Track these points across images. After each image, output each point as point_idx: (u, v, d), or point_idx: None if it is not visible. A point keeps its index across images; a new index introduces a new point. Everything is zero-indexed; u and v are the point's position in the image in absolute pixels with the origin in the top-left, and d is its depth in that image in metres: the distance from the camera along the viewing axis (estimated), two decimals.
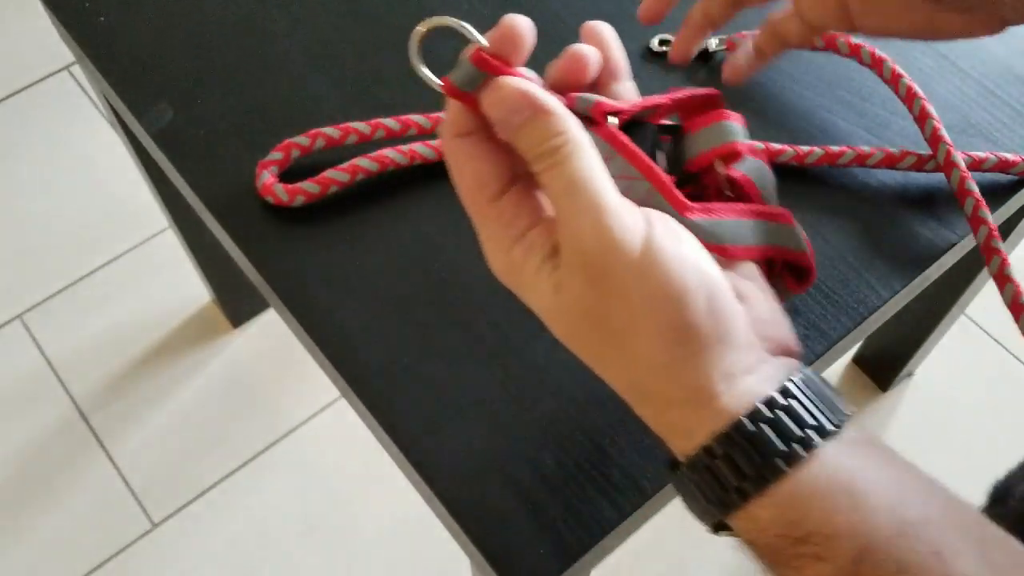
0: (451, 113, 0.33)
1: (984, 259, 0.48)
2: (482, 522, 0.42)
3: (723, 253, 0.33)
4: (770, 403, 0.30)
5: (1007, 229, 0.73)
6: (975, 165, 0.50)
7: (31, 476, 1.06)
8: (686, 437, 0.31)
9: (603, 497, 0.42)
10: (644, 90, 0.37)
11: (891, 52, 0.56)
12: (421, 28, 0.34)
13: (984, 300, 0.88)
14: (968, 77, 0.55)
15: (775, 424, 0.29)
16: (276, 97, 0.55)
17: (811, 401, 0.30)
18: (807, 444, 0.29)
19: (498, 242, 0.32)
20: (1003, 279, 0.47)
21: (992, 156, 0.50)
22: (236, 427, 1.09)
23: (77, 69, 1.36)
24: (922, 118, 0.50)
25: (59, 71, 1.37)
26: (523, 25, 0.32)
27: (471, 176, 0.32)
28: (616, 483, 0.42)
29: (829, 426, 0.30)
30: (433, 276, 0.48)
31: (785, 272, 0.37)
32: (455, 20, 0.33)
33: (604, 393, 0.44)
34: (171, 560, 1.01)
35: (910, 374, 1.10)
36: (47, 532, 1.02)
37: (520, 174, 0.33)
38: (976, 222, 0.48)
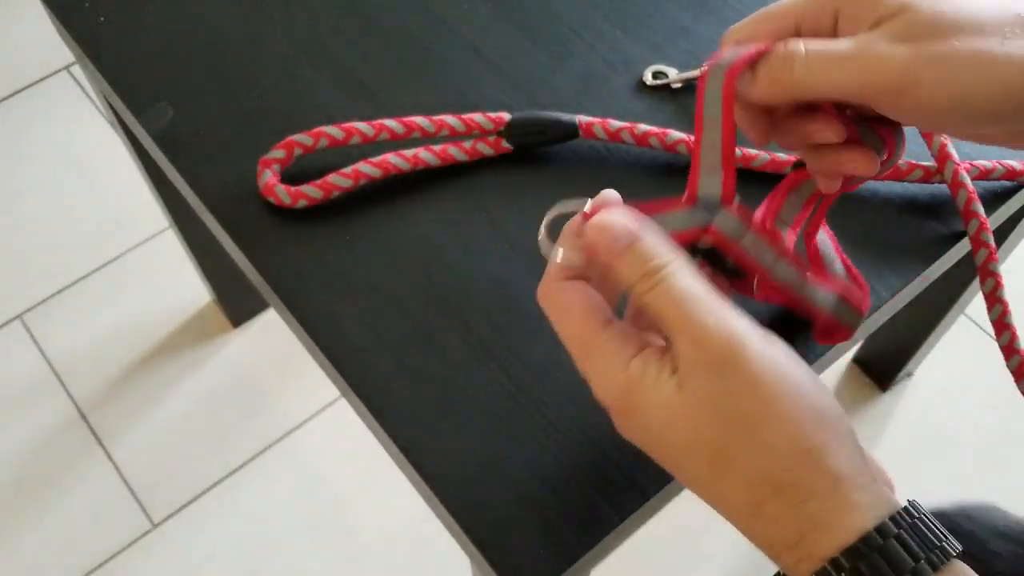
0: (559, 261, 0.35)
1: (979, 278, 0.49)
2: (482, 522, 0.42)
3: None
4: (907, 508, 0.30)
5: (1007, 230, 0.73)
6: (982, 175, 0.50)
7: (31, 476, 1.06)
8: (825, 529, 0.30)
9: (603, 497, 0.42)
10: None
11: None
12: (547, 219, 0.37)
13: (984, 300, 0.88)
14: None
15: (920, 526, 0.30)
16: (276, 97, 0.55)
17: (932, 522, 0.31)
18: (946, 554, 0.30)
19: (612, 364, 0.33)
20: (986, 272, 0.48)
21: (999, 166, 0.50)
22: (236, 427, 1.09)
23: (77, 69, 1.36)
24: (928, 135, 0.50)
25: (59, 71, 1.37)
26: (614, 198, 0.35)
27: (581, 309, 0.34)
28: (616, 483, 0.42)
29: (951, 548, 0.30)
30: (433, 276, 0.48)
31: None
32: (575, 202, 0.36)
33: None
34: (171, 560, 1.01)
35: (910, 374, 1.10)
36: (47, 532, 1.02)
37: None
38: (977, 244, 0.48)
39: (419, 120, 0.51)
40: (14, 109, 1.34)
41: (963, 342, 1.12)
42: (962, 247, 0.51)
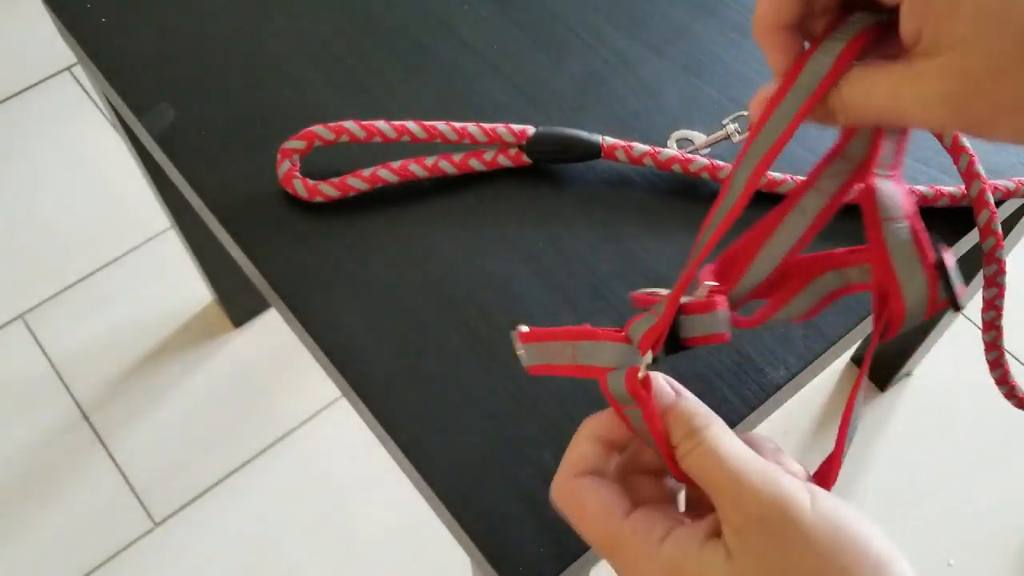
0: (573, 456, 0.35)
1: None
2: (482, 522, 0.42)
3: None
4: None
5: (1006, 229, 0.73)
6: (1008, 195, 0.50)
7: (33, 475, 1.06)
8: None
9: None
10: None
11: None
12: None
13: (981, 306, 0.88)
14: None
15: None
16: (277, 97, 0.55)
17: None
18: None
19: (645, 549, 0.31)
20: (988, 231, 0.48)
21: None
22: (237, 426, 1.09)
23: (79, 70, 1.36)
24: (956, 150, 0.49)
25: (60, 72, 1.37)
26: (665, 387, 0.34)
27: (598, 505, 0.33)
28: None
29: None
30: (433, 276, 0.49)
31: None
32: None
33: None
34: (172, 559, 1.01)
35: (908, 373, 1.10)
36: (48, 531, 1.03)
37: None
38: (990, 259, 0.48)
39: (441, 127, 0.51)
40: (15, 109, 1.34)
41: (962, 342, 1.12)
42: (962, 247, 0.51)
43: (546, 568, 0.41)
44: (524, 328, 0.37)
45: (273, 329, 1.16)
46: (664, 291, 0.36)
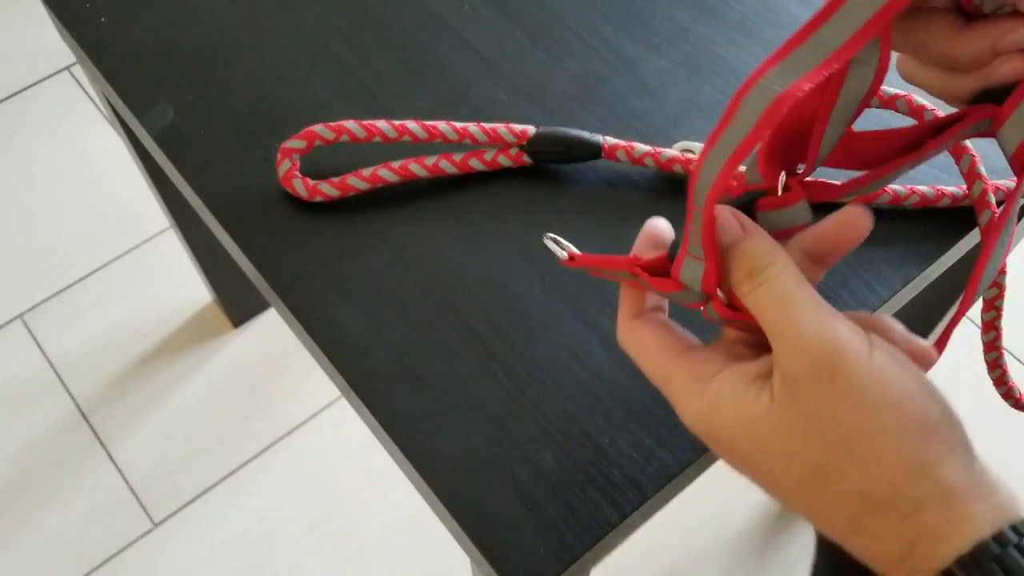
0: (626, 300, 0.35)
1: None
2: (482, 522, 0.42)
3: None
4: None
5: None
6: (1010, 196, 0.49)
7: (32, 476, 1.06)
8: (936, 542, 0.28)
9: (603, 497, 0.42)
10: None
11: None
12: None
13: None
14: None
15: None
16: (277, 97, 0.55)
17: None
18: None
19: (693, 385, 0.32)
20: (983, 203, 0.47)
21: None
22: (237, 427, 1.09)
23: (78, 69, 1.36)
24: (958, 151, 0.49)
25: (60, 71, 1.37)
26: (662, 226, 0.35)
27: (656, 343, 0.33)
28: (616, 483, 0.42)
29: None
30: (433, 276, 0.48)
31: None
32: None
33: (604, 393, 0.45)
34: (172, 559, 1.01)
35: None
36: (48, 531, 1.03)
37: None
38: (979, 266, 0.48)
39: (442, 127, 0.50)
40: (15, 109, 1.34)
41: (961, 342, 1.12)
42: (962, 247, 0.51)
43: (546, 568, 0.41)
44: (564, 254, 0.36)
45: (273, 329, 1.16)
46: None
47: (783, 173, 0.33)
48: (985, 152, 0.50)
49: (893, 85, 0.54)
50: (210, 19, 0.58)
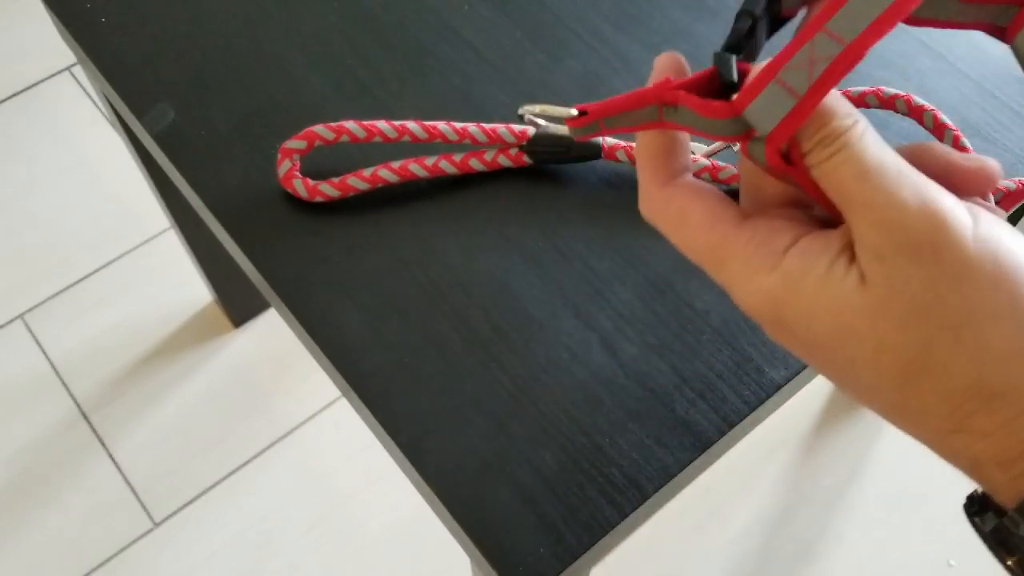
0: (652, 161, 0.29)
1: None
2: (482, 522, 0.42)
3: None
4: None
5: None
6: (1008, 195, 0.49)
7: (32, 475, 1.06)
8: None
9: (603, 496, 0.42)
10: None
11: (890, 53, 0.56)
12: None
13: None
14: (967, 78, 0.56)
15: None
16: (277, 97, 0.55)
17: None
18: None
19: (757, 265, 0.27)
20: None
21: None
22: (237, 426, 1.09)
23: (78, 70, 1.37)
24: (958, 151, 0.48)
25: (60, 72, 1.37)
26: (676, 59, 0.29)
27: (703, 210, 0.28)
28: (616, 483, 0.43)
29: None
30: (433, 276, 0.49)
31: None
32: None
33: (604, 393, 0.45)
34: (172, 559, 1.01)
35: None
36: (48, 531, 1.03)
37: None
38: None
39: (442, 127, 0.51)
40: (16, 110, 1.34)
41: None
42: None
43: (546, 568, 0.41)
44: (570, 112, 0.31)
45: (273, 329, 1.16)
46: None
47: None
48: (986, 153, 0.50)
49: (893, 85, 0.54)
50: (211, 19, 0.58)
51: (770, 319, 0.27)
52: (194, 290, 1.17)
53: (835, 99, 0.26)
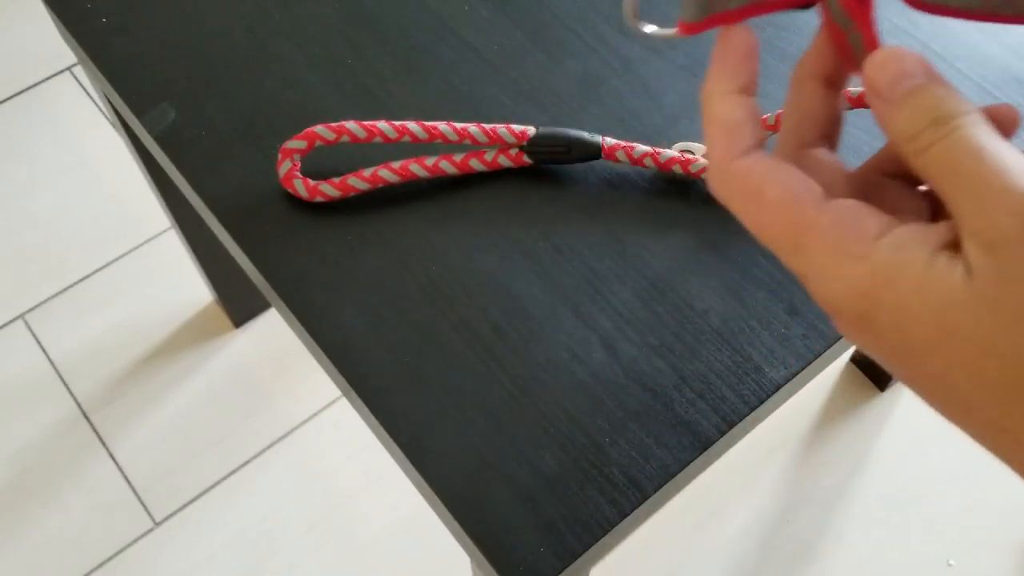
0: (727, 129, 0.27)
1: None
2: (482, 521, 0.42)
3: None
4: None
5: None
6: None
7: (33, 475, 1.06)
8: None
9: (603, 496, 0.42)
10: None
11: None
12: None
13: None
14: (966, 78, 0.56)
15: None
16: (277, 98, 0.55)
17: None
18: None
19: (845, 252, 0.24)
20: None
21: None
22: (237, 426, 1.09)
23: (79, 70, 1.37)
24: None
25: (61, 72, 1.37)
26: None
27: (781, 188, 0.25)
28: (616, 482, 0.43)
29: None
30: (433, 276, 0.49)
31: None
32: None
33: (604, 393, 0.45)
34: (173, 559, 1.02)
35: None
36: (49, 531, 1.03)
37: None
38: None
39: (442, 127, 0.51)
40: (16, 110, 1.34)
41: None
42: None
43: (546, 567, 0.41)
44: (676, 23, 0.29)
45: (273, 329, 1.16)
46: None
47: None
48: None
49: None
50: (211, 20, 0.58)
51: (854, 314, 0.24)
52: (195, 290, 1.17)
53: (949, 88, 0.24)
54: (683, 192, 0.51)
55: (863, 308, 0.24)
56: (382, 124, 0.51)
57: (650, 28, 0.29)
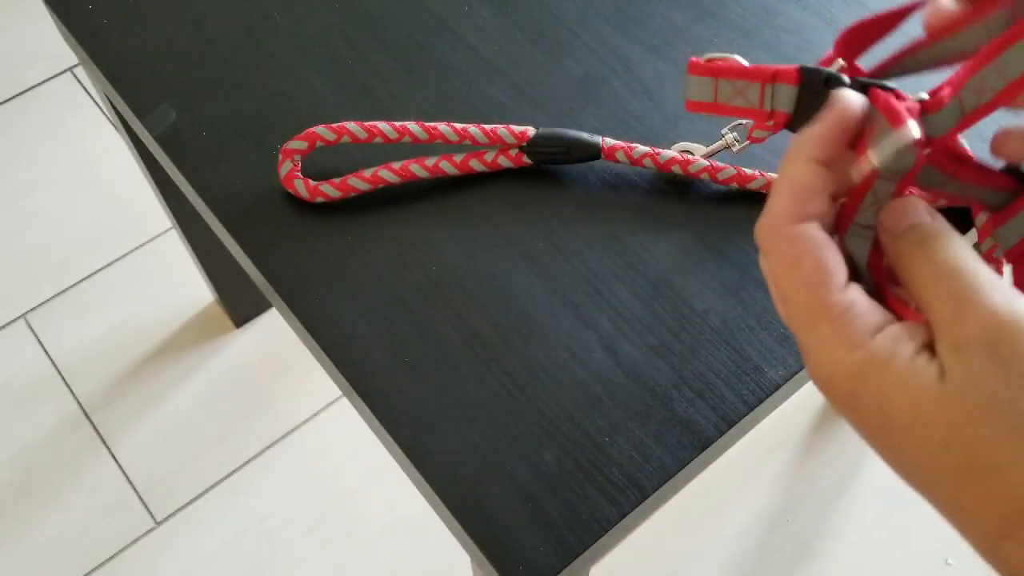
0: (794, 192, 0.28)
1: None
2: (482, 521, 0.42)
3: None
4: None
5: None
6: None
7: (35, 475, 1.06)
8: None
9: (602, 496, 0.42)
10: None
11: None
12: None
13: None
14: None
15: None
16: (277, 98, 0.55)
17: None
18: None
19: (848, 337, 0.27)
20: None
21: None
22: (238, 426, 1.09)
23: (80, 70, 1.37)
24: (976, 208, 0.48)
25: (62, 72, 1.37)
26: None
27: (814, 266, 0.27)
28: (616, 482, 0.43)
29: None
30: (434, 276, 0.49)
31: None
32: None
33: (604, 393, 0.45)
34: (174, 558, 1.02)
35: None
36: (50, 530, 1.03)
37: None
38: (988, 260, 0.47)
39: (443, 128, 0.51)
40: (18, 110, 1.34)
41: None
42: None
43: (546, 566, 0.41)
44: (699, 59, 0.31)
45: (274, 329, 1.16)
46: None
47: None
48: (984, 155, 0.50)
49: None
50: (212, 20, 0.59)
51: (844, 392, 0.27)
52: (195, 290, 1.17)
53: (940, 221, 0.28)
54: (682, 192, 0.51)
55: (853, 388, 0.27)
56: (382, 125, 0.51)
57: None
